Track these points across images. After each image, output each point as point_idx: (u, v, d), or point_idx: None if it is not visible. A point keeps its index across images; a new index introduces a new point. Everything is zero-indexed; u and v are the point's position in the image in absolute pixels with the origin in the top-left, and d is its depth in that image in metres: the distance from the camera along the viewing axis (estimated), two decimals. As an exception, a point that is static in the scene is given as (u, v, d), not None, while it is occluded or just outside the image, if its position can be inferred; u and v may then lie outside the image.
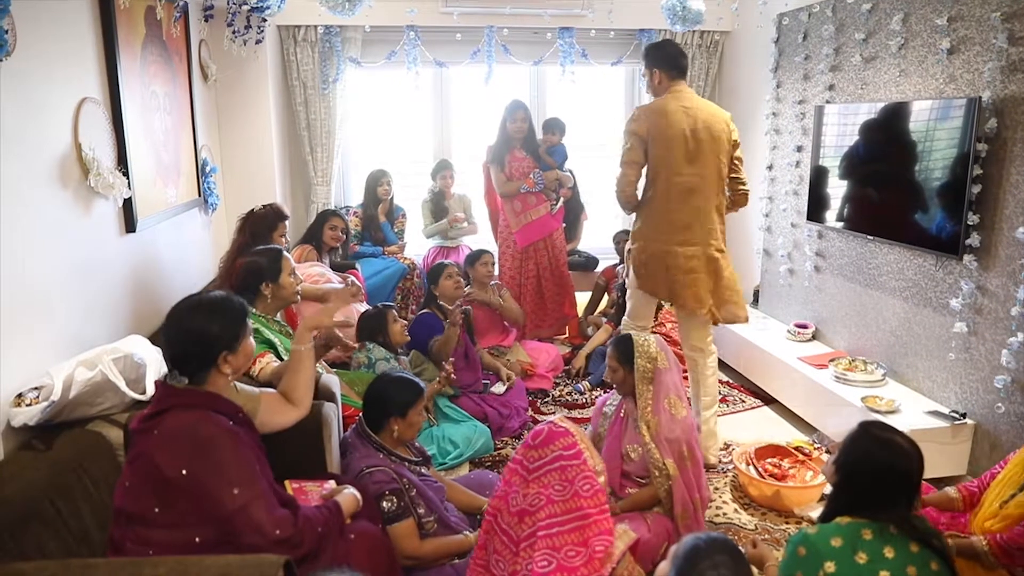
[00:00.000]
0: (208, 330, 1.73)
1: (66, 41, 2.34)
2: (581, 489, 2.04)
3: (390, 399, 2.32)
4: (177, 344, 1.74)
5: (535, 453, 2.10)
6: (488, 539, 2.11)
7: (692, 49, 4.94)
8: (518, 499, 2.07)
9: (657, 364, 2.53)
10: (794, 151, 4.07)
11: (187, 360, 1.74)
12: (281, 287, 2.61)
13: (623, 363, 2.56)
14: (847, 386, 3.29)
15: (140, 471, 1.63)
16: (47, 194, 2.19)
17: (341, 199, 5.05)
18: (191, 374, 1.74)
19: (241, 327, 1.79)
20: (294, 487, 2.01)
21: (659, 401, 2.51)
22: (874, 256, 3.47)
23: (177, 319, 1.76)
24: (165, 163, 3.16)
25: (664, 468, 2.45)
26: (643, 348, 2.55)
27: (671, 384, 2.55)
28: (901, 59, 3.19)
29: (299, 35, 4.47)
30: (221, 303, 1.80)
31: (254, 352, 1.90)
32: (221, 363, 1.74)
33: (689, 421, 2.55)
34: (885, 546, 1.62)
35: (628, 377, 2.56)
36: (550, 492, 2.04)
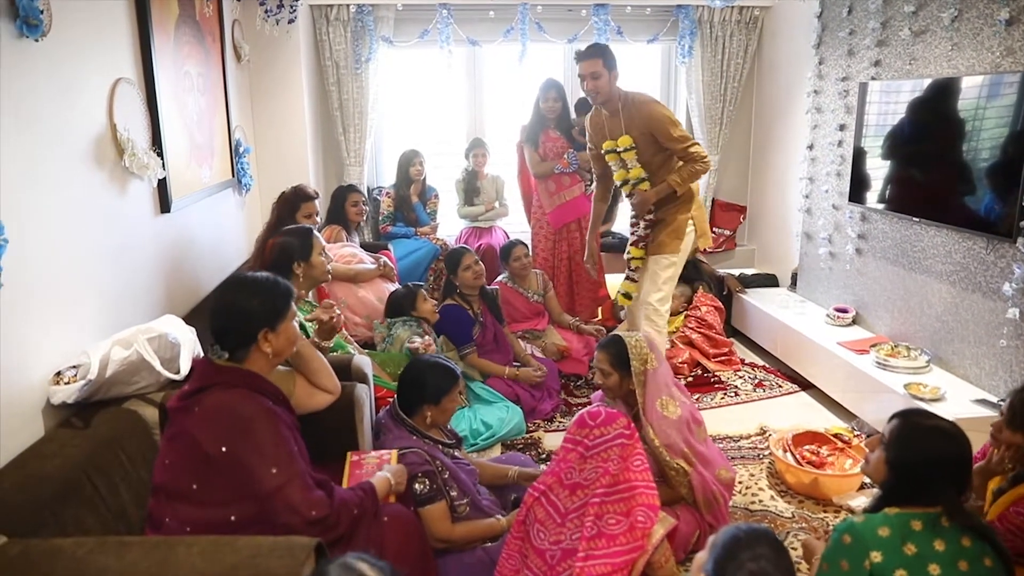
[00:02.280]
0: (249, 305, 1.76)
1: (101, 22, 2.34)
2: (633, 464, 2.09)
3: (425, 385, 2.30)
4: (219, 317, 1.78)
5: (597, 431, 2.13)
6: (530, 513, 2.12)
7: (731, 26, 4.81)
8: (573, 474, 2.11)
9: (647, 366, 2.43)
10: (836, 130, 3.94)
11: (227, 334, 1.76)
12: (312, 266, 2.61)
13: (617, 367, 2.45)
14: (889, 372, 3.20)
15: (180, 448, 1.65)
16: (83, 175, 2.20)
17: (374, 179, 5.04)
18: (231, 349, 1.76)
19: (283, 307, 1.80)
20: (353, 459, 2.04)
21: (652, 405, 2.41)
22: (919, 239, 3.35)
23: (222, 293, 1.81)
24: (199, 144, 3.17)
25: (678, 467, 2.39)
26: (636, 349, 2.44)
27: (662, 384, 2.45)
28: (954, 32, 3.05)
29: (331, 14, 4.44)
30: (266, 282, 1.83)
31: (297, 338, 1.89)
32: (261, 341, 1.76)
33: (683, 418, 2.46)
34: (936, 538, 1.56)
35: (622, 382, 2.46)
36: (609, 466, 2.09)
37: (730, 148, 5.14)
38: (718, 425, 3.38)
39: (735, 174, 5.26)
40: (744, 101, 5.07)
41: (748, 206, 5.29)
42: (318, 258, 2.64)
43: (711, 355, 4.08)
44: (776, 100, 4.86)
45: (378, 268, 3.61)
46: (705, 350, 4.07)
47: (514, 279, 4.11)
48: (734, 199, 5.28)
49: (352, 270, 3.49)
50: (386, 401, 2.60)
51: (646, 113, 3.34)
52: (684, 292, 4.16)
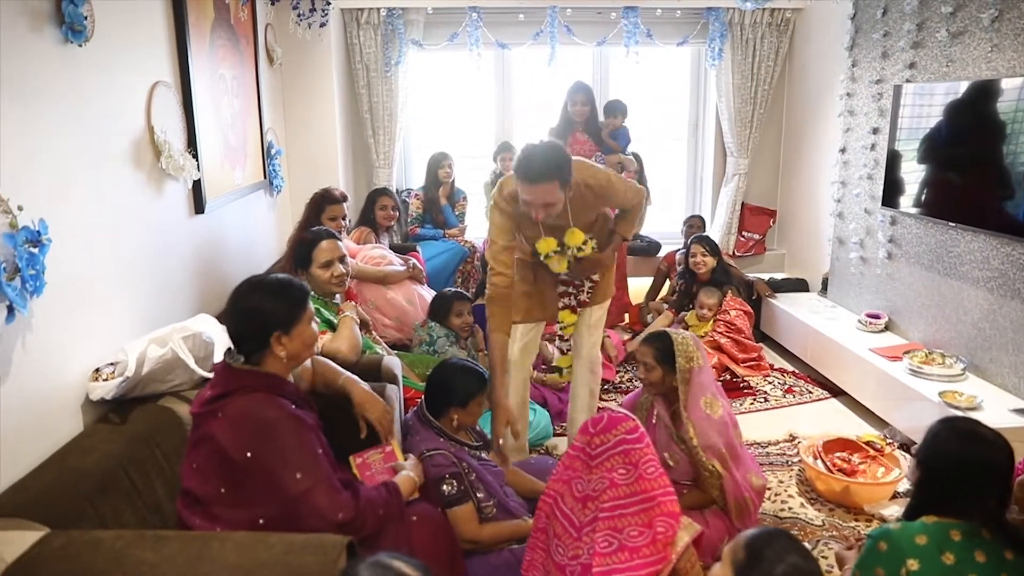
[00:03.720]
0: (262, 309, 1.74)
1: (140, 26, 2.39)
2: (646, 472, 2.00)
3: (452, 389, 2.30)
4: (234, 321, 1.78)
5: (598, 439, 2.06)
6: (547, 523, 2.10)
7: (761, 28, 4.77)
8: (582, 484, 2.05)
9: (694, 364, 2.40)
10: (869, 133, 3.89)
11: (243, 338, 1.76)
12: (312, 276, 2.59)
13: (662, 362, 2.43)
14: (923, 380, 3.14)
15: (206, 453, 1.67)
16: (122, 176, 2.25)
17: (402, 182, 5.08)
18: (247, 353, 1.76)
19: (297, 311, 1.77)
20: (358, 462, 2.03)
21: (696, 403, 2.39)
22: (955, 244, 3.29)
23: (236, 297, 1.79)
24: (232, 145, 3.22)
25: (713, 468, 2.36)
26: (682, 346, 2.41)
27: (707, 383, 2.43)
28: (994, 32, 2.99)
29: (362, 18, 4.49)
30: (279, 284, 1.80)
31: (314, 341, 1.88)
32: (275, 344, 1.74)
33: (724, 420, 2.43)
34: (976, 549, 1.53)
35: (666, 378, 2.44)
36: (614, 476, 2.02)
37: (760, 152, 5.09)
38: (747, 431, 3.33)
39: (765, 178, 5.21)
40: (775, 104, 5.03)
41: (778, 210, 5.24)
42: (316, 271, 2.61)
43: (740, 360, 4.04)
44: (807, 103, 4.80)
45: (407, 270, 3.63)
46: (734, 355, 4.03)
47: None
48: (764, 203, 5.23)
49: (381, 272, 3.52)
50: (415, 402, 2.61)
51: (603, 192, 2.61)
52: (714, 297, 4.12)
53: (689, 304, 4.30)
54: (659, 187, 5.20)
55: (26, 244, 1.67)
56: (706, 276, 4.23)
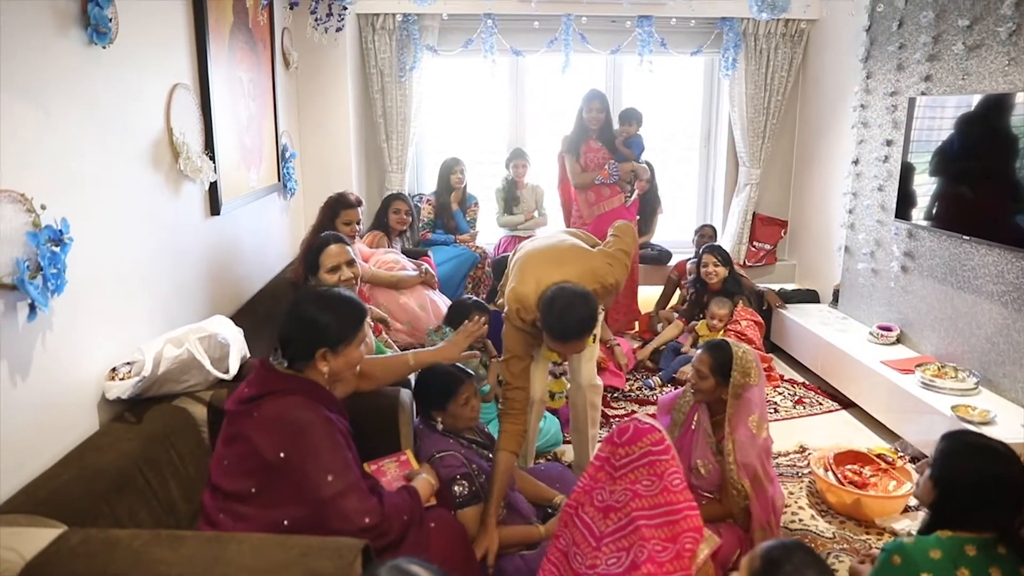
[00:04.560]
0: (317, 321, 1.76)
1: (161, 29, 2.41)
2: (671, 484, 1.99)
3: (428, 395, 2.31)
4: (288, 325, 1.79)
5: (622, 451, 2.06)
6: (567, 531, 2.10)
7: (775, 38, 4.77)
8: (604, 495, 2.04)
9: (750, 380, 2.37)
10: (883, 145, 3.88)
11: (291, 344, 1.77)
12: (319, 281, 2.60)
13: (717, 373, 2.39)
14: (935, 393, 3.13)
15: (239, 452, 1.68)
16: (142, 177, 2.26)
17: (415, 186, 5.10)
18: (291, 359, 1.77)
19: (350, 332, 1.79)
20: (372, 469, 2.03)
21: (743, 420, 2.37)
22: (969, 257, 3.28)
23: (298, 302, 1.81)
24: (248, 148, 3.24)
25: (742, 488, 2.35)
26: (741, 361, 2.38)
27: (758, 401, 2.40)
28: (1012, 47, 2.99)
29: (378, 23, 4.51)
30: (341, 300, 1.82)
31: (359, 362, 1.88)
32: (319, 359, 1.75)
33: (767, 443, 2.43)
34: (992, 566, 1.52)
35: (717, 388, 2.41)
36: (638, 487, 2.01)
37: (772, 162, 5.09)
38: (757, 441, 3.33)
39: (777, 188, 5.20)
40: (788, 115, 5.02)
41: (789, 220, 5.23)
42: (324, 275, 2.61)
43: (750, 370, 4.03)
44: (821, 114, 4.80)
45: (420, 275, 3.64)
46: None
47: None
48: (775, 213, 5.22)
49: (394, 276, 3.53)
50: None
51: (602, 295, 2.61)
52: (726, 307, 4.12)
53: (699, 313, 4.30)
54: (670, 196, 5.19)
55: (48, 243, 1.68)
56: (717, 286, 4.23)
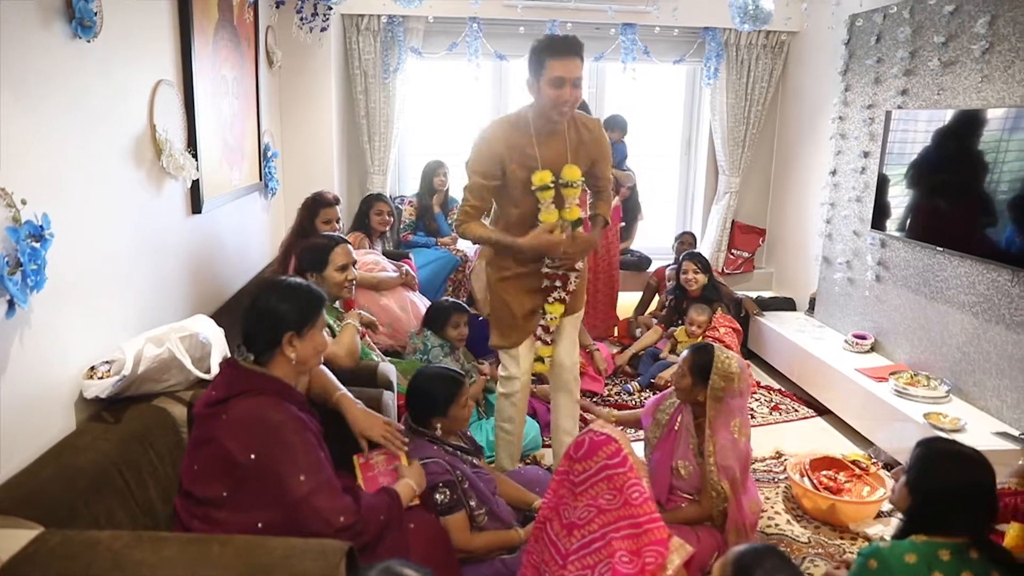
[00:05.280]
0: (277, 309, 1.76)
1: (146, 24, 2.39)
2: (631, 498, 2.00)
3: (431, 398, 2.30)
4: (249, 319, 1.80)
5: (579, 466, 2.06)
6: (538, 546, 2.10)
7: (756, 49, 4.84)
8: (568, 512, 2.05)
9: (733, 386, 2.39)
10: (860, 157, 3.95)
11: (255, 336, 1.78)
12: (325, 280, 2.59)
13: (695, 374, 2.42)
14: (908, 401, 3.19)
15: (209, 455, 1.66)
16: (124, 173, 2.23)
17: (396, 188, 5.08)
18: (257, 352, 1.78)
19: (312, 315, 1.80)
20: (360, 462, 2.02)
21: (725, 424, 2.39)
22: (942, 268, 3.35)
23: (254, 296, 1.82)
24: (230, 146, 3.21)
25: (721, 489, 2.38)
26: (722, 366, 2.40)
27: (739, 408, 2.43)
28: (984, 64, 3.07)
29: (362, 24, 4.50)
30: (297, 288, 1.83)
31: (324, 349, 1.89)
32: (286, 345, 1.76)
33: (747, 449, 2.45)
34: (964, 570, 1.56)
35: (694, 389, 2.44)
36: (600, 503, 2.02)
37: (751, 171, 5.16)
38: (734, 447, 3.37)
39: (755, 197, 5.27)
40: (767, 124, 5.10)
41: (767, 229, 5.30)
42: (334, 273, 2.61)
43: (727, 376, 4.07)
44: (800, 125, 4.88)
45: (400, 277, 3.63)
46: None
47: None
48: (754, 222, 5.29)
49: (375, 278, 3.52)
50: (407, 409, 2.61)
51: (599, 138, 2.68)
52: (705, 314, 4.16)
53: (678, 320, 4.33)
54: (651, 203, 5.24)
55: (28, 238, 1.65)
56: (697, 293, 4.27)
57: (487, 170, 2.53)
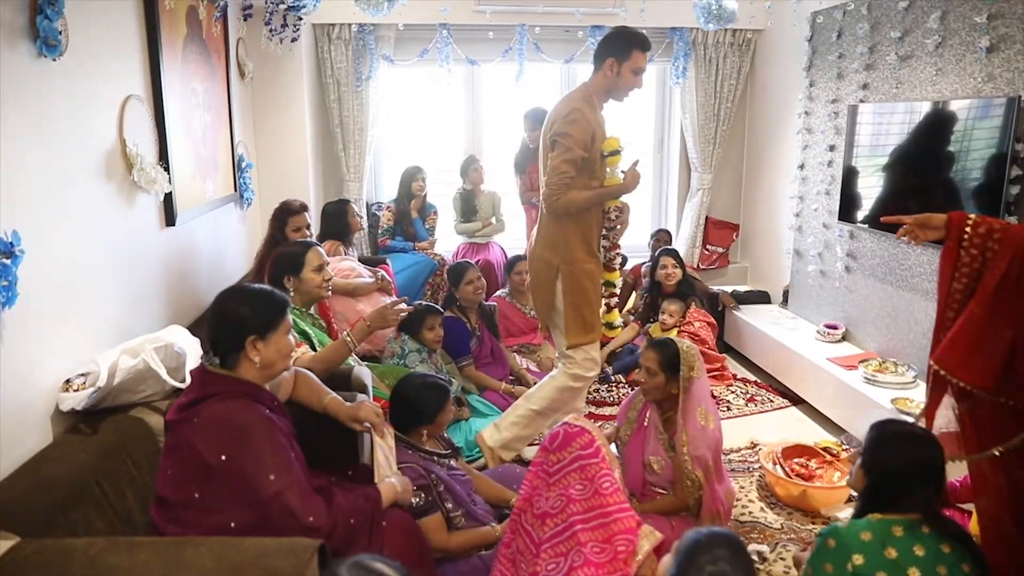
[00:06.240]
0: (239, 313, 1.80)
1: (113, 41, 2.42)
2: (601, 487, 2.06)
3: (418, 407, 2.34)
4: (212, 324, 1.84)
5: (554, 457, 2.12)
6: (513, 537, 2.15)
7: (724, 47, 4.92)
8: (541, 502, 2.10)
9: (693, 373, 2.46)
10: (826, 151, 4.04)
11: (219, 341, 1.82)
12: (303, 282, 2.63)
13: (665, 369, 2.47)
14: (877, 387, 3.27)
15: (181, 459, 1.70)
16: (95, 188, 2.27)
17: (373, 195, 5.12)
18: (222, 356, 1.82)
19: (274, 318, 1.82)
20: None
21: (692, 413, 2.45)
22: (906, 257, 3.44)
23: (217, 301, 1.85)
24: (203, 159, 3.24)
25: (696, 478, 2.43)
26: (687, 355, 2.47)
27: (703, 394, 2.49)
28: (938, 58, 3.16)
29: (333, 33, 4.54)
30: (259, 292, 1.87)
31: (290, 352, 1.92)
32: (250, 349, 1.78)
33: (716, 434, 2.51)
34: (916, 544, 1.62)
35: (667, 384, 2.49)
36: (571, 492, 2.06)
37: (723, 167, 5.24)
38: (710, 438, 3.43)
39: (728, 193, 5.35)
40: (737, 121, 5.18)
41: (741, 224, 5.39)
42: (310, 274, 2.64)
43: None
44: (768, 121, 4.96)
45: (376, 282, 3.67)
46: (698, 365, 4.13)
47: (512, 294, 4.18)
48: (727, 217, 5.37)
49: (350, 284, 3.55)
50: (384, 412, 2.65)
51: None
52: (676, 303, 4.24)
53: (654, 316, 4.40)
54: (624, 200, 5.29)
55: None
56: (672, 288, 4.34)
57: (585, 142, 2.79)
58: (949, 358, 1.83)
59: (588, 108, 2.82)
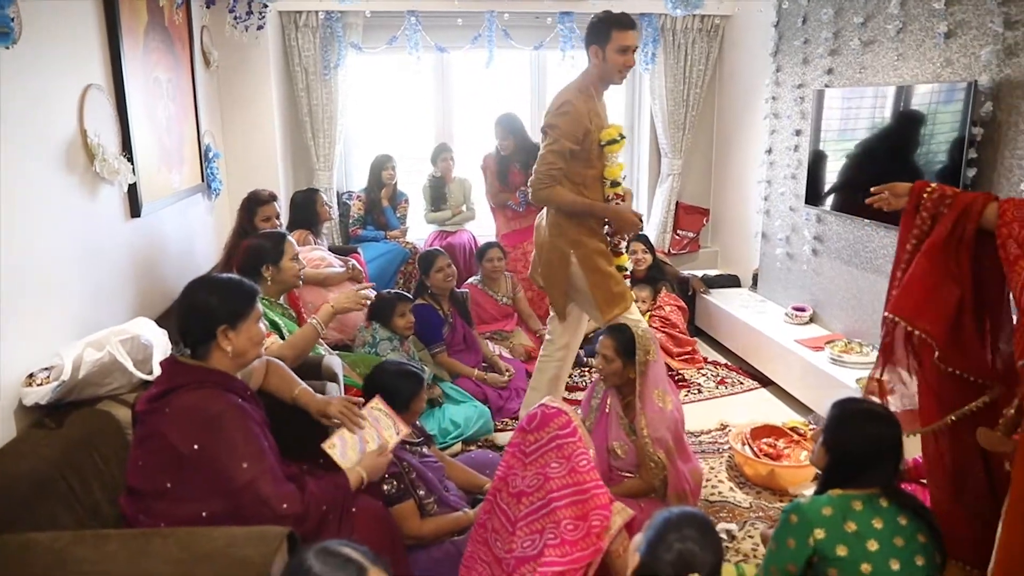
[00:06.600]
0: (208, 303, 1.80)
1: (70, 29, 2.37)
2: (578, 465, 2.09)
3: (394, 394, 2.33)
4: (182, 315, 1.83)
5: (531, 437, 2.14)
6: (488, 517, 2.17)
7: (692, 33, 4.95)
8: (517, 481, 2.12)
9: (649, 357, 2.51)
10: (793, 135, 4.09)
11: (189, 332, 1.82)
12: (281, 270, 2.66)
13: (622, 354, 2.52)
14: (842, 368, 3.34)
15: (153, 449, 1.69)
16: (55, 180, 2.23)
17: (343, 184, 5.09)
18: (193, 347, 1.81)
19: (244, 307, 1.83)
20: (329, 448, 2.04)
21: (650, 396, 2.50)
22: (871, 239, 3.50)
23: (186, 292, 1.85)
24: (169, 149, 3.20)
25: (658, 460, 2.47)
26: (642, 339, 2.52)
27: (660, 376, 2.54)
28: (899, 43, 3.21)
29: (300, 21, 4.49)
30: (228, 282, 1.87)
31: (261, 340, 1.92)
32: (221, 338, 1.79)
33: (674, 414, 2.55)
34: (874, 517, 1.67)
35: (624, 369, 2.54)
36: (547, 471, 2.09)
37: (693, 152, 5.28)
38: (681, 421, 3.48)
39: (698, 178, 5.40)
40: (706, 107, 5.22)
41: (711, 209, 5.44)
42: (289, 263, 2.68)
43: (675, 354, 4.20)
44: (736, 106, 5.01)
45: (347, 271, 3.66)
46: (669, 349, 4.19)
47: (485, 281, 4.19)
48: (697, 202, 5.42)
49: (321, 274, 3.54)
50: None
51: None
52: (645, 290, 4.28)
53: (626, 301, 4.43)
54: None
55: (-44, 249, 1.66)
56: (642, 273, 4.38)
57: (575, 133, 2.81)
58: (903, 306, 1.90)
59: (582, 99, 2.83)
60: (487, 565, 2.12)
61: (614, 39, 2.81)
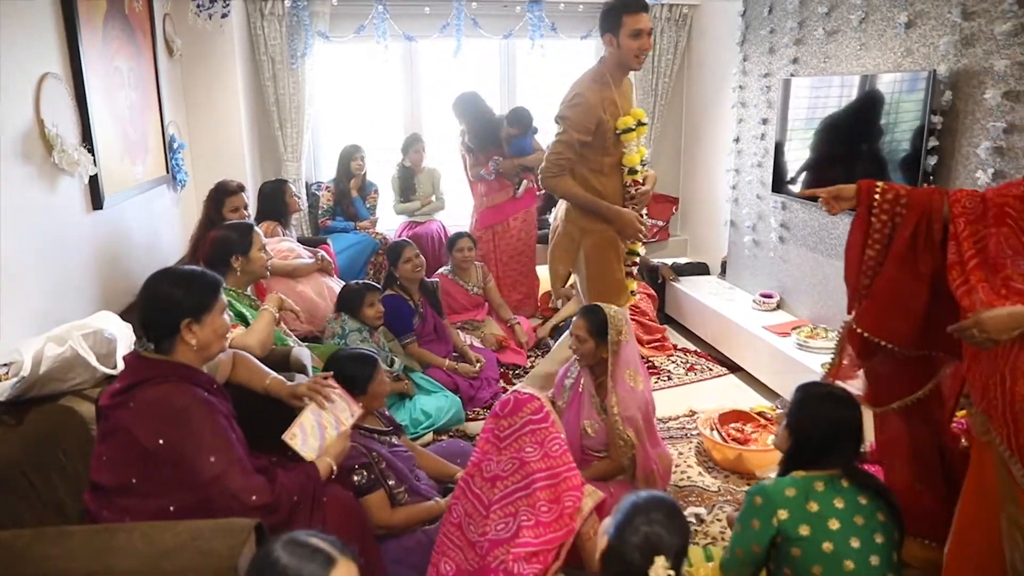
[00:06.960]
0: (172, 296, 1.77)
1: (24, 16, 2.32)
2: (551, 450, 2.12)
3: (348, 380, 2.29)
4: (144, 309, 1.79)
5: (505, 422, 2.17)
6: (460, 501, 2.19)
7: (661, 22, 4.97)
8: (492, 466, 2.15)
9: (621, 337, 2.56)
10: (759, 124, 4.13)
11: (152, 326, 1.78)
12: (250, 261, 2.64)
13: (594, 335, 2.56)
14: (808, 353, 3.40)
15: (118, 444, 1.67)
16: (11, 171, 2.18)
17: (312, 175, 5.04)
18: (156, 341, 1.78)
19: (208, 299, 1.80)
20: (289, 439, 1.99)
21: (621, 376, 2.53)
22: (835, 226, 3.56)
23: (147, 286, 1.81)
24: (132, 140, 3.14)
25: (627, 438, 2.50)
26: (614, 320, 2.56)
27: (632, 357, 2.59)
28: (862, 33, 3.25)
29: (266, 9, 4.42)
30: (191, 274, 1.83)
31: (226, 332, 1.90)
32: (185, 332, 1.76)
33: (646, 395, 2.59)
34: (836, 497, 1.71)
35: (597, 350, 2.57)
36: (523, 455, 2.12)
37: (662, 141, 5.31)
38: (651, 408, 3.52)
39: (667, 167, 5.43)
40: (675, 96, 5.25)
41: (680, 197, 5.48)
42: (257, 253, 2.66)
43: (645, 341, 4.24)
44: (704, 95, 5.05)
45: (316, 263, 3.63)
46: (639, 336, 4.22)
47: (455, 271, 4.19)
48: (667, 191, 5.45)
49: (290, 265, 3.50)
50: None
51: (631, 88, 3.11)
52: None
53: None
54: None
55: (-92, 243, 1.62)
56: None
57: (586, 125, 2.82)
58: (870, 322, 1.93)
59: (596, 89, 2.83)
60: (459, 549, 2.14)
61: (626, 24, 2.77)
